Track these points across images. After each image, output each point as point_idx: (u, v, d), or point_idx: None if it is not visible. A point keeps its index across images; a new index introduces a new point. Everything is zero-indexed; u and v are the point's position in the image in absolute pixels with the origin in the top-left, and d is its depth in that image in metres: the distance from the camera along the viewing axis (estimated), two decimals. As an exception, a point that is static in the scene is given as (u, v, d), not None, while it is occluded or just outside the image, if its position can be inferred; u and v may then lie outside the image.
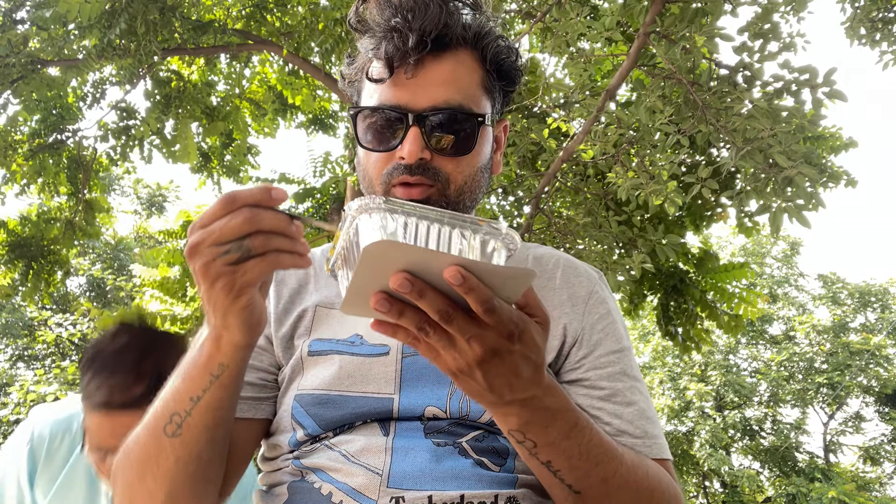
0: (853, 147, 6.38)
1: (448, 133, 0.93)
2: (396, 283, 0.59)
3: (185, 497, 0.83)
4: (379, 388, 0.91)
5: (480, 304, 0.60)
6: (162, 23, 5.60)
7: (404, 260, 0.59)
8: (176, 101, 7.19)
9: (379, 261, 0.59)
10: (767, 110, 3.41)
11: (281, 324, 1.01)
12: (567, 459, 0.78)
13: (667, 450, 0.95)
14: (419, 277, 0.60)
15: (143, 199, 17.74)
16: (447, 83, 0.92)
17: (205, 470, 0.83)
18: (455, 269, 0.58)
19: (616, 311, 1.04)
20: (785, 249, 21.47)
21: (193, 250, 0.68)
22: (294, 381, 0.96)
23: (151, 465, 0.81)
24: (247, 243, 0.67)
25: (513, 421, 0.74)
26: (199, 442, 0.81)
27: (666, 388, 19.42)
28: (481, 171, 0.98)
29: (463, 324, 0.62)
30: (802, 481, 16.14)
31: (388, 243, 0.58)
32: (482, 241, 0.68)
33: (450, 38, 0.93)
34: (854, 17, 6.18)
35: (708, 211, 5.80)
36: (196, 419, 0.80)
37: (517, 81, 1.03)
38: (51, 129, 7.15)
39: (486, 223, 0.68)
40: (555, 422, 0.75)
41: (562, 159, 4.45)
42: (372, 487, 0.83)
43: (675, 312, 6.06)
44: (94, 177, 7.77)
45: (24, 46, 5.90)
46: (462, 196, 0.95)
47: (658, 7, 3.60)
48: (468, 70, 0.95)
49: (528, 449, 0.77)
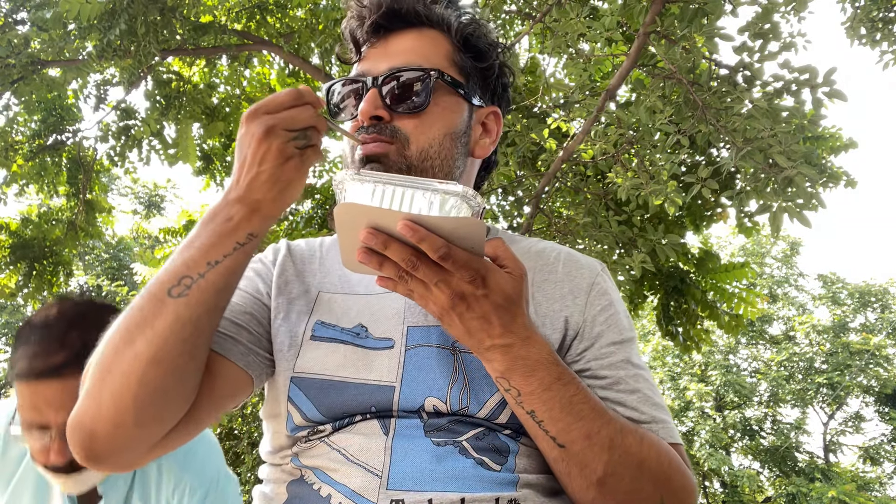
0: (853, 148, 6.38)
1: (403, 91, 0.95)
2: (363, 237, 0.70)
3: (168, 367, 0.79)
4: (380, 377, 0.91)
5: (434, 251, 0.69)
6: (162, 23, 5.60)
7: (367, 219, 0.70)
8: (176, 101, 7.19)
9: (349, 221, 0.71)
10: (767, 110, 3.41)
11: (280, 291, 1.03)
12: (548, 410, 0.81)
13: (677, 434, 0.94)
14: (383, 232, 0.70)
15: (142, 198, 17.75)
16: (408, 51, 0.98)
17: (195, 345, 0.81)
18: (403, 222, 0.68)
19: (619, 303, 1.03)
20: (785, 249, 21.47)
21: (270, 131, 0.77)
22: (288, 358, 0.95)
23: (145, 325, 0.79)
24: (310, 134, 0.81)
25: (496, 367, 0.80)
26: (205, 303, 0.80)
27: (666, 388, 19.41)
28: (451, 138, 0.98)
29: (427, 270, 0.72)
30: (802, 481, 16.13)
31: (349, 205, 0.70)
32: (441, 199, 0.73)
33: (414, 16, 0.99)
34: (854, 17, 6.18)
35: (708, 211, 5.80)
36: (209, 280, 0.80)
37: (489, 56, 1.05)
38: (51, 130, 7.15)
39: (446, 184, 0.74)
40: (535, 372, 0.80)
41: (562, 159, 4.45)
42: (371, 489, 0.83)
43: (676, 312, 6.06)
44: (94, 177, 7.76)
45: (24, 47, 5.90)
46: (426, 161, 0.96)
47: (658, 7, 3.60)
48: (432, 42, 1.00)
49: (514, 398, 0.82)
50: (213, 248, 0.81)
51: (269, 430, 1.00)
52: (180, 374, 0.81)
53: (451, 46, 1.00)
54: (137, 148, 7.27)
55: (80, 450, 0.81)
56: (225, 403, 0.93)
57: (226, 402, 0.93)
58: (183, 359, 0.80)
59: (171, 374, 0.80)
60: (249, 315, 0.98)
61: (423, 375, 0.91)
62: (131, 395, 0.78)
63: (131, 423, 0.79)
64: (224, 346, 0.92)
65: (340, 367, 0.92)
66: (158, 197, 17.87)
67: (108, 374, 0.80)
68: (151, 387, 0.79)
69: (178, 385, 0.82)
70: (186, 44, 6.36)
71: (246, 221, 0.80)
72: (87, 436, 0.80)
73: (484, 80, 1.05)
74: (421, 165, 0.95)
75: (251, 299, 1.00)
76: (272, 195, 0.79)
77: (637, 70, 4.39)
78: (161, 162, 7.43)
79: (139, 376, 0.78)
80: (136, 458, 0.85)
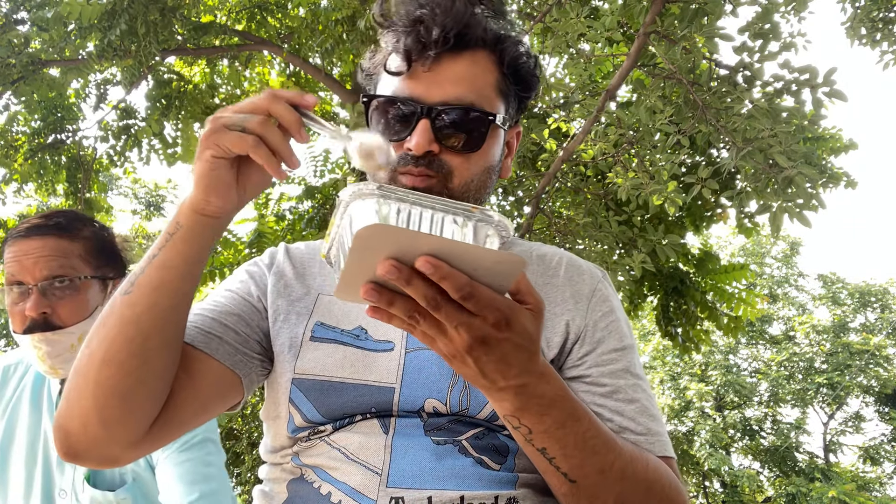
0: (853, 149, 6.39)
1: (457, 129, 0.93)
2: (384, 270, 0.59)
3: (118, 368, 0.79)
4: (380, 378, 0.91)
5: (457, 290, 0.61)
6: (162, 24, 5.60)
7: (395, 244, 0.59)
8: (177, 102, 7.19)
9: (370, 245, 0.59)
10: (767, 110, 3.41)
11: (279, 294, 1.02)
12: (562, 448, 0.78)
13: (670, 447, 0.95)
14: (407, 264, 0.60)
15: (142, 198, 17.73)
16: (462, 80, 0.93)
17: (143, 346, 0.80)
18: (424, 259, 0.59)
19: (619, 310, 1.04)
20: (785, 249, 21.47)
21: (212, 120, 0.75)
22: (289, 360, 0.95)
23: (100, 326, 0.82)
24: (245, 118, 0.74)
25: (507, 406, 0.74)
26: (144, 301, 0.80)
27: (666, 388, 19.42)
28: (489, 171, 0.99)
29: (451, 311, 0.62)
30: (802, 481, 16.13)
31: (379, 226, 0.58)
32: (475, 227, 0.67)
33: (469, 38, 0.94)
34: (854, 17, 6.18)
35: (708, 211, 5.81)
36: (146, 277, 0.81)
37: (533, 87, 1.04)
38: (51, 129, 7.15)
39: (479, 210, 0.68)
40: (550, 410, 0.75)
41: (562, 159, 4.45)
42: (371, 487, 0.83)
43: (675, 313, 6.07)
44: (94, 177, 7.77)
45: (24, 47, 5.90)
46: (466, 193, 0.96)
47: (658, 7, 3.60)
48: (484, 71, 0.96)
49: (524, 435, 0.78)
50: (155, 246, 0.83)
51: (269, 431, 1.00)
52: (136, 376, 0.80)
53: (499, 74, 0.98)
54: (137, 147, 7.27)
55: (59, 446, 0.83)
56: (212, 405, 0.93)
57: (213, 403, 0.93)
58: (133, 361, 0.80)
59: (124, 376, 0.80)
60: (237, 316, 0.97)
61: (423, 377, 0.91)
62: (90, 395, 0.80)
63: (96, 423, 0.80)
64: (210, 346, 0.92)
65: (340, 367, 0.92)
66: (159, 197, 17.86)
67: (75, 373, 0.82)
68: (107, 387, 0.79)
69: (138, 387, 0.81)
70: (187, 44, 6.36)
71: (179, 213, 0.81)
72: (63, 433, 0.82)
73: (519, 105, 1.05)
74: (460, 196, 0.95)
75: (241, 301, 1.00)
76: (199, 191, 0.78)
77: (637, 70, 4.39)
78: (160, 162, 7.42)
79: (94, 376, 0.80)
80: (115, 456, 0.85)
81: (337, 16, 5.70)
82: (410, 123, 0.93)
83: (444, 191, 0.93)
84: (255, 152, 0.74)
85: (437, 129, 0.92)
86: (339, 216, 0.70)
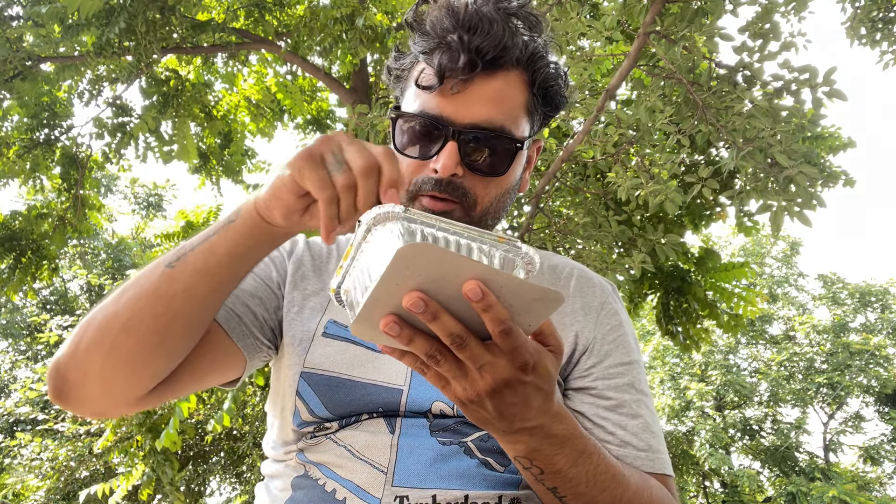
0: (852, 147, 6.38)
1: (484, 153, 0.92)
2: (409, 303, 0.55)
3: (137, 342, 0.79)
4: (389, 379, 0.92)
5: (497, 323, 0.57)
6: (162, 22, 5.59)
7: (437, 267, 0.54)
8: (174, 100, 7.19)
9: (410, 266, 0.53)
10: (767, 110, 3.40)
11: (296, 286, 1.03)
12: (573, 487, 0.78)
13: (669, 466, 0.96)
14: (434, 298, 0.56)
15: (141, 198, 17.74)
16: (492, 102, 0.91)
17: (168, 324, 0.80)
18: (474, 283, 0.54)
19: (628, 324, 1.04)
20: (785, 249, 21.46)
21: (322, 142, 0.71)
22: (298, 352, 0.96)
23: (135, 285, 0.81)
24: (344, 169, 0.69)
25: (520, 448, 0.73)
26: (182, 281, 0.80)
27: (666, 388, 19.41)
28: (509, 192, 0.98)
29: (477, 351, 0.59)
30: (802, 481, 16.12)
31: (425, 246, 0.53)
32: (502, 257, 0.63)
33: (505, 60, 0.92)
34: (854, 17, 6.17)
35: (708, 210, 5.80)
36: (192, 255, 0.80)
37: (560, 108, 1.02)
38: (43, 126, 7.15)
39: (507, 241, 0.64)
40: (563, 450, 0.74)
41: (562, 159, 4.44)
42: (376, 485, 0.84)
43: (676, 312, 6.07)
44: (88, 175, 7.77)
45: (19, 43, 5.89)
46: (486, 216, 0.96)
47: (658, 7, 3.59)
48: (515, 91, 0.94)
49: (534, 475, 0.77)
50: (213, 226, 0.82)
51: (274, 424, 1.00)
52: (151, 352, 0.81)
53: (529, 94, 0.96)
54: (133, 145, 7.26)
55: (51, 386, 0.83)
56: (211, 378, 0.94)
57: (212, 376, 0.94)
58: (153, 337, 0.80)
59: (140, 349, 0.80)
60: (259, 299, 0.99)
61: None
62: (101, 355, 0.80)
63: (97, 381, 0.81)
64: (229, 323, 0.93)
65: (350, 365, 0.93)
66: (157, 196, 17.86)
67: (91, 324, 0.81)
68: (120, 353, 0.80)
69: (150, 361, 0.82)
70: (185, 42, 6.34)
71: (244, 203, 0.80)
72: (60, 378, 0.82)
73: (543, 122, 1.03)
74: (479, 220, 0.95)
75: (262, 285, 1.01)
76: (266, 197, 0.76)
77: (637, 70, 4.38)
78: (156, 159, 7.43)
79: (111, 341, 0.79)
80: (104, 410, 0.86)
81: (336, 14, 5.68)
82: (437, 143, 0.91)
83: (465, 217, 0.93)
84: (324, 207, 0.69)
85: (465, 153, 0.91)
86: (358, 240, 0.64)
